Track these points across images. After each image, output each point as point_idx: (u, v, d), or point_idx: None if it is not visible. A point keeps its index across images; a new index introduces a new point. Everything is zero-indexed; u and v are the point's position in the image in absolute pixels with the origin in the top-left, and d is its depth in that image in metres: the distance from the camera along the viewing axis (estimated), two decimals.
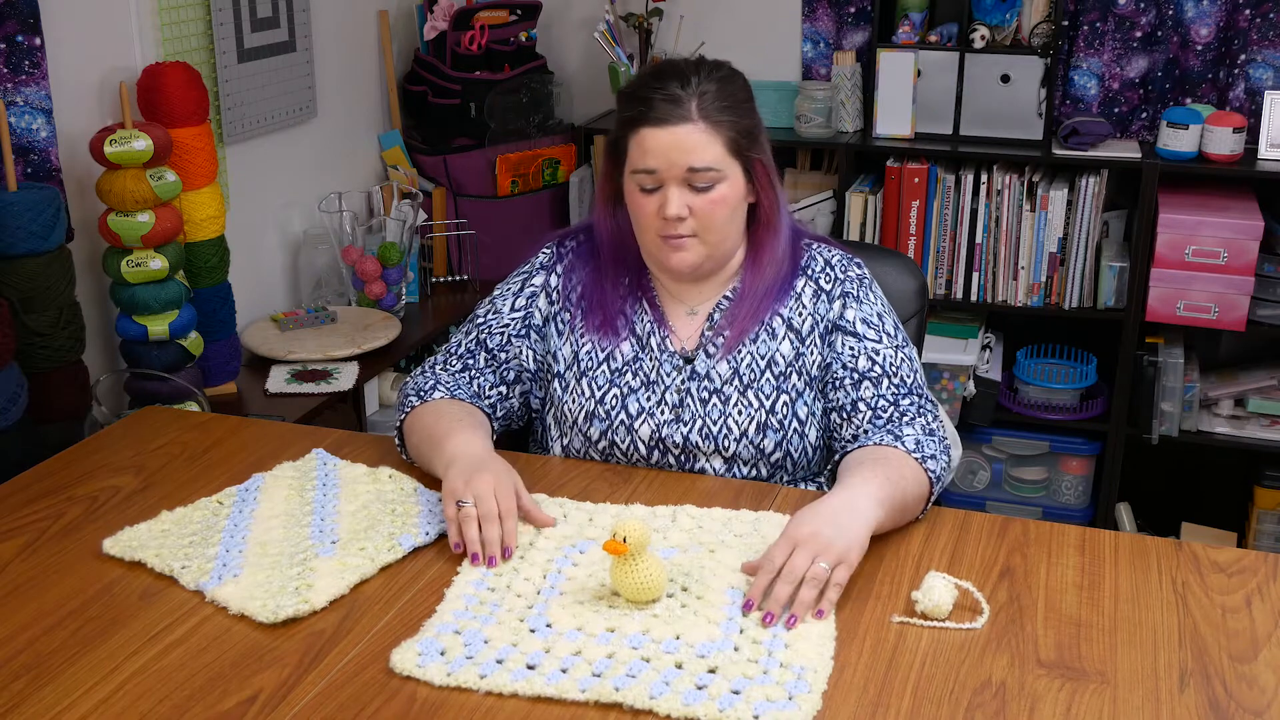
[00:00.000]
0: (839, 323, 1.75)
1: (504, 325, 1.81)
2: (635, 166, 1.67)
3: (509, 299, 1.83)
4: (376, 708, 1.20)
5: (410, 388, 1.77)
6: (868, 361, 1.72)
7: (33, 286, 2.04)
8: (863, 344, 1.73)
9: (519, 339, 1.80)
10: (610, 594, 1.37)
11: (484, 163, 3.24)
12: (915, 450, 1.61)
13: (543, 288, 1.82)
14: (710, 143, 1.65)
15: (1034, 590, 1.42)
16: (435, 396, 1.73)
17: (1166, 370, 3.08)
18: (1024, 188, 3.12)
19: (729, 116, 1.66)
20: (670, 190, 1.66)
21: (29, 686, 1.24)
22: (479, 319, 1.83)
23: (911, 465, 1.58)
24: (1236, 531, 3.26)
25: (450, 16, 3.19)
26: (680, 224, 1.67)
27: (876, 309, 1.76)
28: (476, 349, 1.81)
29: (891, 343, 1.74)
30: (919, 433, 1.65)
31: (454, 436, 1.62)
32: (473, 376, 1.79)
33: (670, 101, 1.64)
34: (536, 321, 1.81)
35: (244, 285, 2.62)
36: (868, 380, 1.71)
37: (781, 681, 1.22)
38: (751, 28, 3.43)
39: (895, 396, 1.70)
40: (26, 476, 1.71)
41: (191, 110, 2.30)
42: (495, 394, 1.80)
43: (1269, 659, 1.30)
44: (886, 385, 1.71)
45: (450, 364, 1.81)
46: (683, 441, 1.73)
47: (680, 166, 1.64)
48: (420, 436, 1.68)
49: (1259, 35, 3.08)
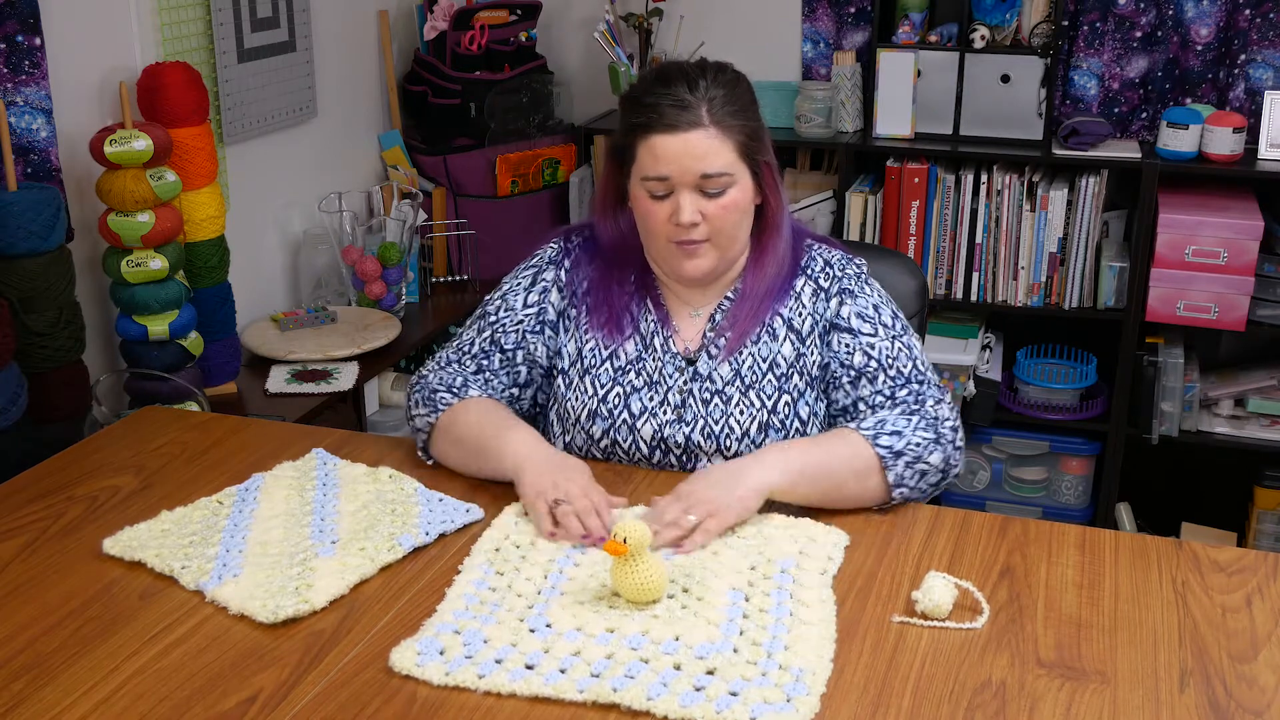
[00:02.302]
0: (835, 321, 1.74)
1: (518, 322, 1.79)
2: (646, 173, 1.66)
3: (520, 294, 1.81)
4: (376, 708, 1.20)
5: (436, 381, 1.75)
6: (863, 357, 1.72)
7: (33, 286, 2.04)
8: (858, 339, 1.73)
9: (534, 335, 1.79)
10: (610, 595, 1.37)
11: (484, 163, 3.24)
12: (869, 428, 1.62)
13: (554, 282, 1.81)
14: (722, 148, 1.64)
15: (1034, 590, 1.42)
16: (472, 394, 1.73)
17: (1166, 370, 3.08)
18: (1024, 188, 3.12)
19: (738, 120, 1.66)
20: (683, 196, 1.65)
21: (29, 686, 1.24)
22: (491, 316, 1.81)
23: (851, 439, 1.61)
24: (1236, 531, 3.26)
25: (450, 16, 3.19)
26: (694, 230, 1.66)
27: (873, 301, 1.76)
28: (491, 349, 1.79)
29: (888, 334, 1.73)
30: (891, 414, 1.65)
31: (510, 435, 1.63)
32: (487, 379, 1.77)
33: (681, 107, 1.63)
34: (550, 317, 1.80)
35: (244, 285, 2.62)
36: (864, 377, 1.71)
37: (780, 683, 1.22)
38: (751, 28, 3.43)
39: (892, 390, 1.70)
40: (26, 476, 1.71)
41: (191, 110, 2.30)
42: (507, 396, 1.79)
43: (1269, 659, 1.30)
44: (882, 380, 1.70)
45: (465, 364, 1.79)
46: (684, 442, 1.73)
47: (693, 173, 1.63)
48: (464, 435, 1.68)
49: (1259, 35, 3.08)
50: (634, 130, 1.67)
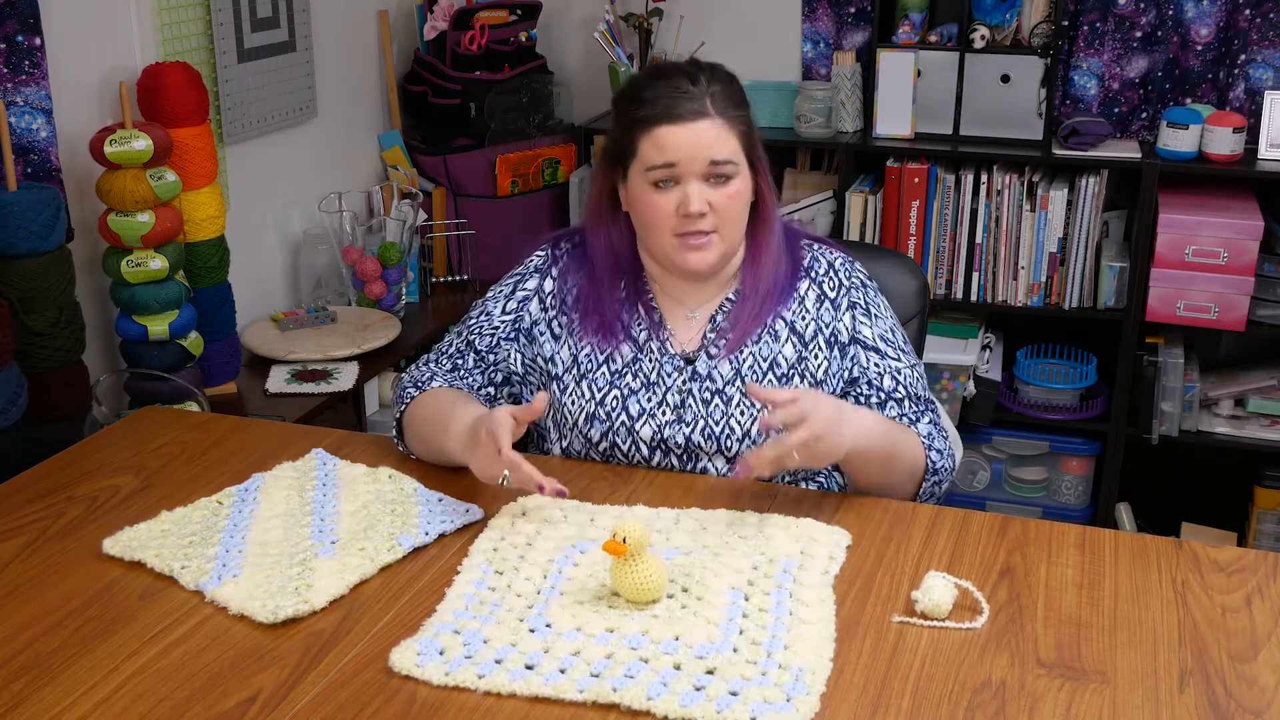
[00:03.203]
0: (858, 337, 1.77)
1: (493, 328, 1.82)
2: (651, 163, 1.66)
3: (500, 302, 1.83)
4: (376, 708, 1.20)
5: (407, 380, 1.79)
6: (892, 382, 1.75)
7: (33, 286, 2.04)
8: (885, 362, 1.76)
9: (508, 342, 1.81)
10: (610, 594, 1.37)
11: (484, 163, 3.24)
12: (925, 436, 1.71)
13: (535, 292, 1.82)
14: (728, 137, 1.67)
15: (1034, 590, 1.42)
16: (434, 385, 1.76)
17: (1166, 370, 3.08)
18: (1024, 188, 3.12)
19: (739, 112, 1.70)
20: (690, 186, 1.66)
21: (29, 686, 1.24)
22: (470, 320, 1.84)
23: (915, 439, 1.69)
24: (1236, 532, 3.26)
25: (450, 16, 3.19)
26: (701, 220, 1.67)
27: (889, 323, 1.80)
28: (466, 350, 1.82)
29: (908, 360, 1.78)
30: (933, 430, 1.73)
31: (453, 424, 1.63)
32: (461, 376, 1.80)
33: (685, 98, 1.65)
34: (525, 325, 1.81)
35: (244, 285, 2.62)
36: (893, 401, 1.74)
37: (779, 683, 1.22)
38: (751, 28, 3.43)
39: (916, 415, 1.74)
40: (26, 476, 1.71)
41: (191, 110, 2.30)
42: (484, 394, 1.81)
43: (1269, 659, 1.30)
44: (909, 405, 1.75)
45: (441, 363, 1.82)
46: (685, 442, 1.73)
47: (702, 161, 1.65)
48: (424, 421, 1.71)
49: (1259, 35, 3.08)
50: (635, 125, 1.68)
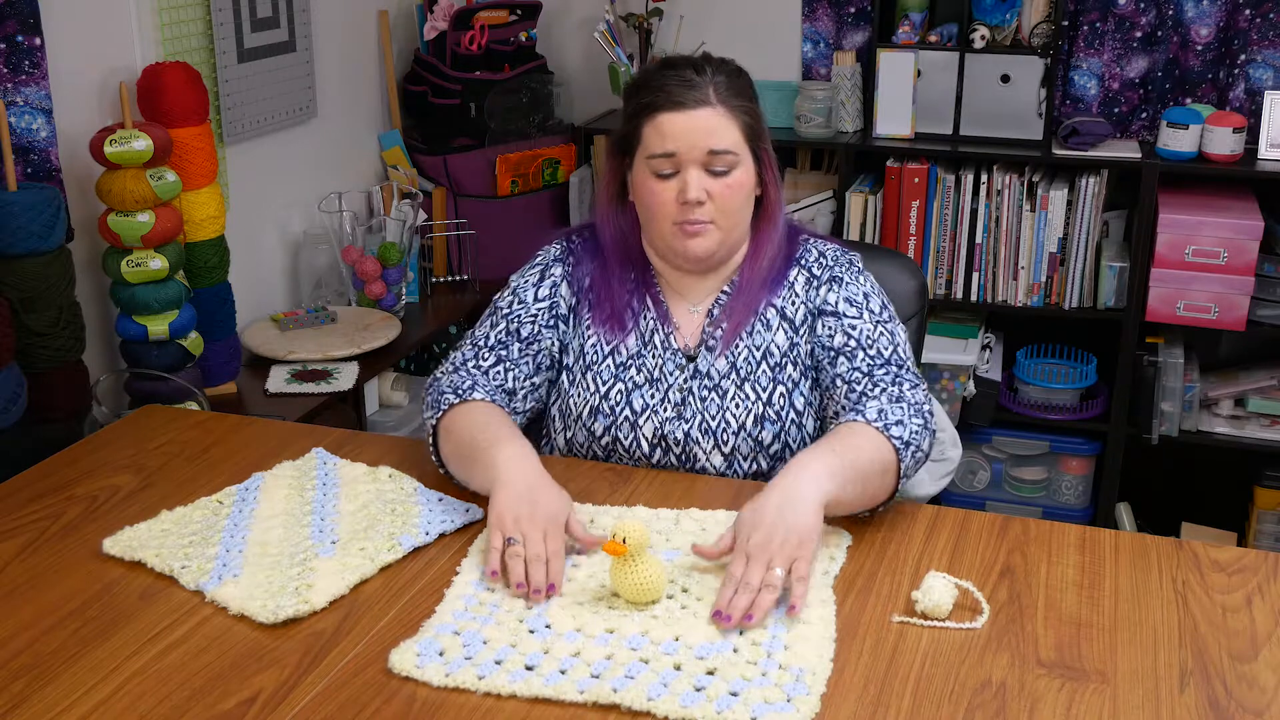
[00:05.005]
0: (823, 306, 1.75)
1: (532, 315, 1.78)
2: (652, 151, 1.67)
3: (530, 289, 1.80)
4: (376, 708, 1.20)
5: (446, 384, 1.69)
6: (844, 337, 1.72)
7: (33, 286, 2.04)
8: (840, 321, 1.73)
9: (549, 329, 1.78)
10: (610, 595, 1.37)
11: (484, 163, 3.24)
12: (876, 419, 1.57)
13: (563, 278, 1.81)
14: (729, 126, 1.67)
15: (1034, 590, 1.42)
16: (475, 397, 1.66)
17: (1166, 370, 3.08)
18: (1024, 188, 3.12)
19: (743, 103, 1.70)
20: (690, 173, 1.66)
21: (29, 686, 1.24)
22: (504, 310, 1.79)
23: (869, 434, 1.55)
24: (1236, 532, 3.26)
25: (450, 16, 3.19)
26: (699, 208, 1.67)
27: (863, 289, 1.76)
28: (509, 339, 1.76)
29: (873, 319, 1.73)
30: (884, 402, 1.62)
31: (500, 449, 1.54)
32: (507, 369, 1.74)
33: (688, 86, 1.66)
34: (562, 310, 1.80)
35: (244, 285, 2.62)
36: (843, 355, 1.71)
37: (780, 683, 1.22)
38: (751, 28, 3.43)
39: (870, 368, 1.69)
40: (26, 476, 1.71)
41: (191, 110, 2.30)
42: (528, 385, 1.76)
43: (1269, 658, 1.30)
44: (861, 358, 1.70)
45: (483, 356, 1.75)
46: (683, 438, 1.73)
47: (701, 149, 1.65)
48: (460, 440, 1.61)
49: (1259, 35, 3.08)
50: (640, 112, 1.69)
